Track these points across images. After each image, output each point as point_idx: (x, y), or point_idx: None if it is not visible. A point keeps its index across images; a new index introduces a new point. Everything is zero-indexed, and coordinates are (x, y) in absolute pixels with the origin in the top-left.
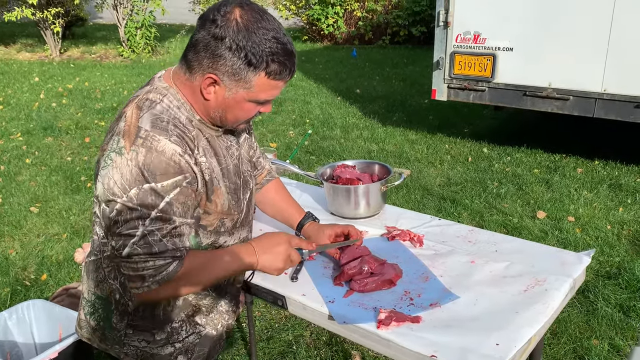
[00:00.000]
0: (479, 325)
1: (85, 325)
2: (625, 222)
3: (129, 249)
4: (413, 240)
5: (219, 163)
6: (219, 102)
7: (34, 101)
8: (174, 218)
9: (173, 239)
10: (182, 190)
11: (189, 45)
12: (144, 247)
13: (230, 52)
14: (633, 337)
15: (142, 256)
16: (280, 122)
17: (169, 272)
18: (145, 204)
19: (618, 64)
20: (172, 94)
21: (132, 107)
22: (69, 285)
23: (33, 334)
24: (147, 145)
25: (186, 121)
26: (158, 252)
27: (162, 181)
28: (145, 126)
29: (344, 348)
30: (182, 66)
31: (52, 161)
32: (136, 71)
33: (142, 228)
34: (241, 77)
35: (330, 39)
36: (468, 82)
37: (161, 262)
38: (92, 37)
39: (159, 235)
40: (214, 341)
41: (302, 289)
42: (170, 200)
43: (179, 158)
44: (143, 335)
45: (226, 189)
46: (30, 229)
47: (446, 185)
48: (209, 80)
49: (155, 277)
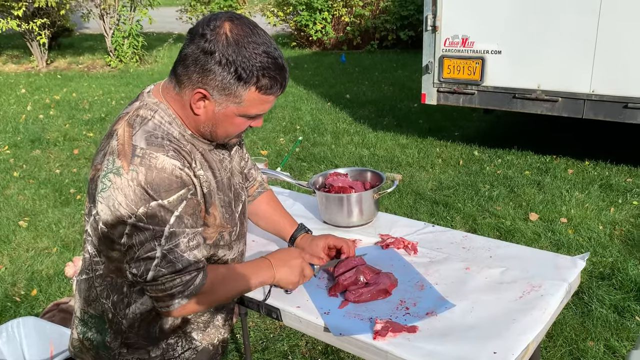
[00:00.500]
0: (476, 333)
1: (78, 344)
2: (617, 222)
3: (153, 273)
4: (407, 248)
5: (215, 176)
6: (209, 116)
7: (21, 113)
8: (187, 230)
9: (192, 251)
10: (189, 202)
11: (178, 59)
12: (167, 267)
13: (219, 66)
14: (628, 338)
15: (168, 276)
16: (270, 129)
17: (197, 285)
18: (155, 221)
19: (606, 64)
20: (162, 109)
21: (123, 125)
22: (60, 301)
23: (24, 352)
24: (146, 163)
25: (179, 136)
26: (182, 269)
27: (168, 197)
28: (140, 144)
29: (340, 357)
30: (171, 80)
31: (41, 174)
32: (124, 81)
33: (159, 249)
34: (231, 91)
35: (319, 44)
36: (457, 86)
37: (187, 277)
38: (78, 48)
39: (179, 252)
40: (211, 356)
41: (296, 301)
42: (180, 214)
43: (179, 172)
44: (138, 353)
45: (220, 202)
46: (19, 243)
47: (438, 189)
48: (198, 95)
49: (185, 293)
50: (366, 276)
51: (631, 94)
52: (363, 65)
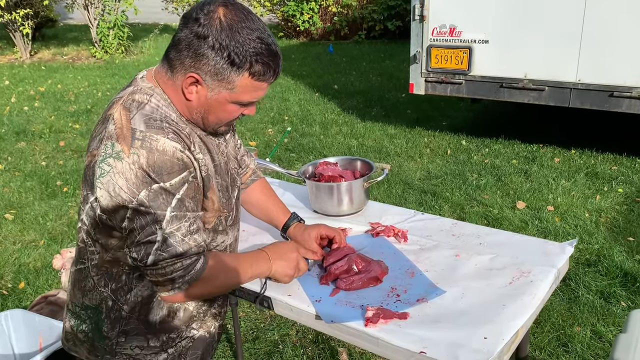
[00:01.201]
0: (466, 319)
1: (72, 337)
2: (602, 210)
3: (153, 257)
4: (397, 236)
5: (213, 160)
6: (201, 102)
7: (4, 105)
8: (188, 214)
9: (193, 235)
10: (190, 185)
11: (171, 44)
12: (167, 250)
13: (213, 51)
14: (614, 323)
15: (169, 260)
16: (258, 119)
17: (197, 270)
18: (157, 204)
19: (592, 53)
20: (158, 93)
21: (119, 109)
22: (48, 293)
23: (12, 345)
24: (147, 146)
25: (177, 119)
26: (183, 253)
27: (170, 180)
28: (139, 127)
29: (330, 346)
30: (163, 65)
31: (26, 166)
32: (110, 72)
33: (160, 232)
34: (224, 77)
35: (306, 35)
36: (445, 76)
37: (188, 262)
38: (63, 39)
39: (180, 236)
40: (207, 344)
41: (287, 290)
42: (181, 197)
43: (180, 154)
44: (137, 341)
45: (218, 186)
46: (6, 236)
47: (426, 179)
48: (190, 79)
49: (185, 278)
50: (357, 265)
51: (616, 83)
52: (351, 55)
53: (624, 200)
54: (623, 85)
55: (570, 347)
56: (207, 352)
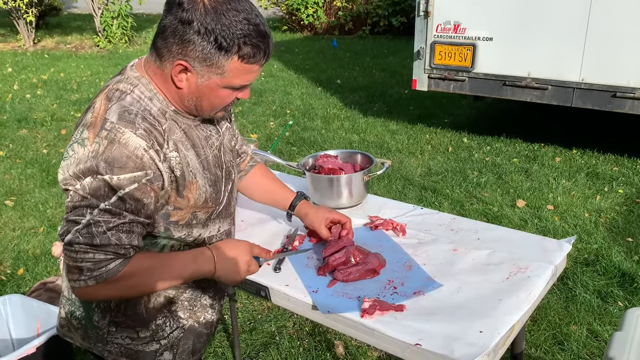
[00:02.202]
0: (462, 313)
1: (66, 323)
2: (602, 210)
3: (71, 236)
4: (396, 230)
5: (198, 155)
6: (192, 89)
7: (7, 92)
8: (125, 214)
9: (119, 234)
10: (140, 187)
11: (157, 31)
12: (86, 236)
13: (199, 36)
14: (611, 323)
15: (83, 246)
16: (260, 112)
17: (109, 270)
18: (96, 194)
19: (596, 53)
20: (143, 84)
21: (102, 98)
22: (47, 280)
23: (10, 330)
24: (111, 137)
25: (158, 113)
26: (99, 245)
27: (120, 174)
28: (111, 118)
29: (326, 338)
30: (152, 54)
31: (27, 154)
32: (113, 62)
33: (88, 217)
34: (212, 62)
35: (310, 29)
36: (448, 72)
37: (101, 257)
38: (66, 27)
39: (104, 227)
40: (198, 334)
41: (285, 280)
42: (123, 196)
43: (142, 153)
44: (127, 332)
45: (207, 181)
46: (5, 222)
47: (427, 175)
48: (179, 67)
49: (93, 272)
50: (355, 257)
51: (620, 83)
52: (354, 50)
53: (624, 201)
54: (626, 86)
55: (566, 345)
56: (199, 343)
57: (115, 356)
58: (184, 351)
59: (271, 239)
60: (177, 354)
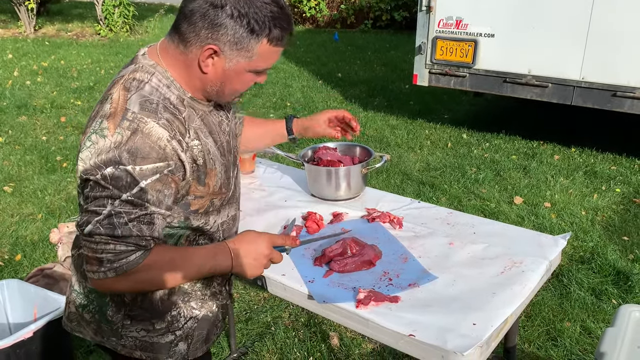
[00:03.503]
0: (457, 305)
1: (76, 317)
2: (599, 209)
3: (92, 227)
4: (393, 222)
5: (215, 141)
6: (218, 74)
7: (7, 79)
8: (146, 205)
9: (140, 225)
10: (162, 177)
11: (181, 16)
12: (107, 227)
13: (232, 19)
14: (604, 320)
15: (103, 237)
16: (260, 104)
17: (129, 262)
18: (118, 185)
19: (597, 52)
20: (160, 72)
21: (119, 89)
22: (45, 266)
23: (7, 314)
24: (133, 127)
25: (177, 101)
26: (120, 236)
27: (142, 164)
28: (133, 108)
29: (322, 329)
30: (172, 39)
31: (27, 140)
32: (114, 50)
33: (109, 207)
34: (243, 45)
35: (312, 22)
36: (449, 68)
37: (122, 248)
38: (68, 15)
39: (126, 218)
40: (212, 323)
41: (281, 269)
42: (145, 187)
43: (165, 143)
44: (142, 324)
45: (222, 167)
46: (4, 208)
47: (425, 170)
48: (208, 51)
49: (113, 264)
50: (351, 248)
51: (620, 83)
52: (356, 44)
53: (621, 200)
54: (627, 86)
55: (560, 341)
56: (212, 331)
57: (129, 350)
58: (197, 340)
59: (268, 229)
60: (192, 344)
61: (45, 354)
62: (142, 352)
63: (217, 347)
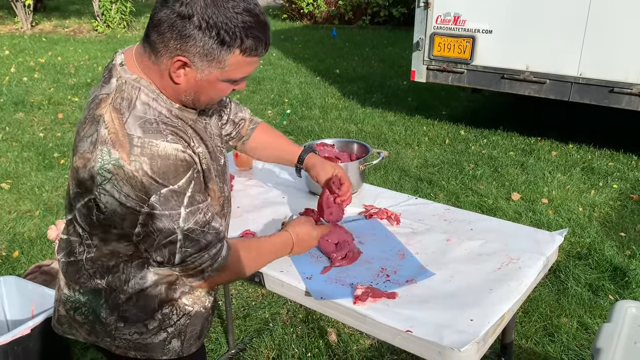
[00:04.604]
0: (454, 301)
1: (67, 320)
2: (596, 205)
3: (180, 255)
4: (390, 219)
5: (207, 147)
6: (190, 85)
7: (4, 75)
8: (200, 206)
9: (210, 224)
10: (196, 180)
11: (151, 24)
12: (191, 246)
13: (200, 31)
14: (601, 316)
15: (195, 255)
16: (258, 101)
17: (224, 256)
18: (170, 206)
19: (594, 48)
20: (144, 86)
21: (109, 110)
22: (42, 263)
23: (4, 311)
24: (147, 152)
25: (168, 114)
26: (207, 244)
27: (178, 182)
28: (136, 133)
29: (320, 325)
30: (145, 49)
31: (24, 137)
32: (111, 46)
33: (179, 231)
34: (214, 57)
35: (310, 18)
36: (447, 64)
37: (214, 251)
38: (65, 11)
39: (199, 229)
40: (204, 318)
41: (279, 266)
42: (191, 194)
43: (183, 155)
44: (135, 327)
45: (215, 172)
46: (1, 205)
47: (423, 167)
48: (178, 63)
49: (214, 266)
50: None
51: (617, 79)
52: (354, 40)
53: (618, 196)
54: (624, 82)
55: (557, 337)
56: (205, 326)
57: (123, 350)
58: (191, 337)
59: (266, 226)
60: (185, 340)
61: (42, 350)
62: (137, 352)
63: (215, 344)
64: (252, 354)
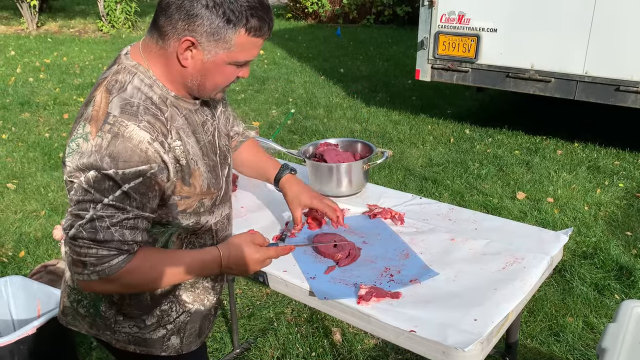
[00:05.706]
0: (458, 301)
1: (71, 312)
2: (602, 204)
3: (75, 231)
4: (394, 219)
5: (198, 141)
6: (197, 67)
7: (10, 75)
8: (129, 209)
9: (123, 230)
10: (145, 180)
11: (159, 10)
12: (89, 231)
13: (207, 9)
14: (607, 315)
15: (86, 241)
16: (263, 100)
17: (112, 266)
18: (100, 189)
19: (600, 47)
20: (141, 71)
21: (102, 91)
22: (48, 263)
23: (10, 310)
24: (114, 131)
25: (159, 101)
26: (102, 241)
27: (124, 168)
28: (114, 112)
29: (324, 325)
30: (152, 35)
31: (30, 137)
32: (116, 47)
33: (92, 211)
34: (220, 36)
35: (315, 17)
36: (452, 63)
37: (104, 253)
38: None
39: (108, 223)
40: (204, 317)
41: (283, 266)
42: (127, 190)
43: (146, 146)
44: (134, 321)
45: (206, 167)
46: (7, 205)
47: (428, 166)
48: (186, 43)
49: (96, 267)
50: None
51: (623, 77)
52: (358, 39)
53: (624, 195)
54: (630, 80)
55: (562, 336)
56: (205, 325)
57: (123, 344)
58: (191, 334)
59: (270, 225)
60: (184, 338)
61: (48, 350)
62: (136, 346)
63: (220, 343)
64: (257, 354)
